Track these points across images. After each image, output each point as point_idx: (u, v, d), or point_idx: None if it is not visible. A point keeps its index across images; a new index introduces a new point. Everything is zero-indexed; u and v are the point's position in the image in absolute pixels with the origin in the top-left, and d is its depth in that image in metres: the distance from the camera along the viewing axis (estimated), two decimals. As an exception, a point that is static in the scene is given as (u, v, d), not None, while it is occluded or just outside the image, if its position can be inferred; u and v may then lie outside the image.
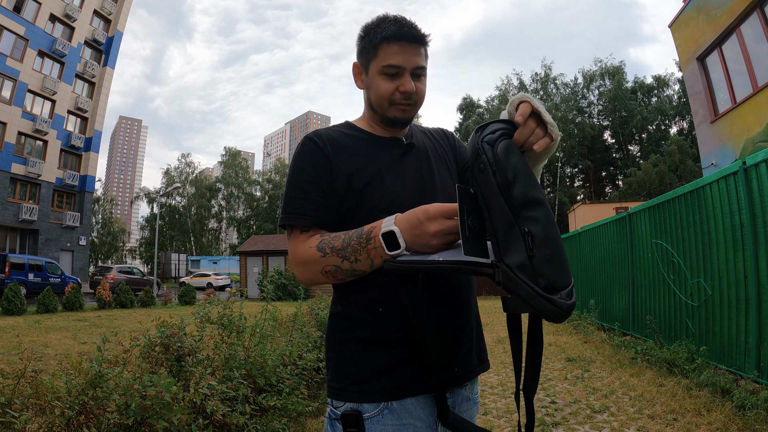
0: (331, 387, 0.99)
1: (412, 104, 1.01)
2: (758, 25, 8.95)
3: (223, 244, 63.09)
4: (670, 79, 36.73)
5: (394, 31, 0.96)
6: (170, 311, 10.91)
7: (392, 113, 1.02)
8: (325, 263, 0.90)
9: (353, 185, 0.98)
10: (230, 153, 51.80)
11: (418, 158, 1.06)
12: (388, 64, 0.97)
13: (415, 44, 0.98)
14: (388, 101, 1.00)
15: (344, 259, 0.88)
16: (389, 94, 0.99)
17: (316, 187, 0.97)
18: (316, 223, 0.96)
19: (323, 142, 1.00)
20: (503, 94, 36.57)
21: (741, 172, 3.87)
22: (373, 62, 1.00)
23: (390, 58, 0.97)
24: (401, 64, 0.97)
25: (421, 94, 1.02)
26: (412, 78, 0.99)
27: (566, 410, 3.67)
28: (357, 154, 1.01)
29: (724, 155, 10.28)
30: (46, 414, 1.87)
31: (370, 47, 0.99)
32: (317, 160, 0.98)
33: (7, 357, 5.69)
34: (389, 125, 1.05)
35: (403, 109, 1.01)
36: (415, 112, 1.04)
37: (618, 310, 7.13)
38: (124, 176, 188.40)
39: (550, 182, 35.60)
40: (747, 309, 3.78)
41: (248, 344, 3.20)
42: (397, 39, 0.96)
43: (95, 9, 29.64)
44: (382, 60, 0.98)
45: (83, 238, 29.19)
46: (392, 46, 0.97)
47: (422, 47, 1.00)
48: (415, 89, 0.99)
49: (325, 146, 0.99)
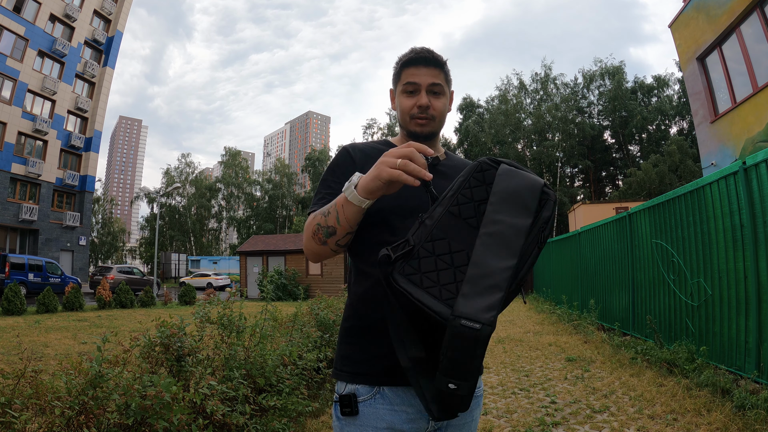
0: (334, 368, 1.10)
1: (429, 119, 1.14)
2: (758, 25, 8.94)
3: (223, 244, 63.10)
4: (670, 79, 36.76)
5: (413, 56, 1.14)
6: (170, 311, 10.91)
7: (412, 127, 1.15)
8: (312, 224, 1.02)
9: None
10: (230, 153, 51.79)
11: (439, 176, 1.12)
12: (407, 82, 1.14)
13: (431, 66, 1.13)
14: (409, 116, 1.15)
15: (324, 216, 0.99)
16: (409, 109, 1.14)
17: (340, 183, 1.07)
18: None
19: (354, 152, 1.16)
20: (503, 94, 36.54)
21: (741, 172, 3.87)
22: (398, 84, 1.17)
23: (408, 77, 1.14)
24: (417, 81, 1.13)
25: (438, 109, 1.14)
26: (429, 95, 1.13)
27: (566, 410, 3.67)
28: None
29: (724, 155, 10.27)
30: (46, 414, 1.87)
31: (396, 73, 1.17)
32: (346, 164, 1.13)
33: (7, 357, 5.69)
34: (414, 138, 1.16)
35: (421, 123, 1.14)
36: (434, 127, 1.15)
37: (618, 310, 7.13)
38: (124, 176, 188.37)
39: (550, 182, 35.55)
40: (747, 309, 3.79)
41: (248, 344, 3.19)
42: (415, 63, 1.14)
43: (95, 9, 29.65)
44: (403, 80, 1.15)
45: (83, 238, 29.19)
46: (411, 69, 1.14)
47: (439, 69, 1.14)
48: (431, 105, 1.13)
49: (355, 154, 1.15)
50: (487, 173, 0.89)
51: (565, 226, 32.27)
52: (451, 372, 0.77)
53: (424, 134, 1.16)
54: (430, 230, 0.85)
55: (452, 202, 0.87)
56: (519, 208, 0.84)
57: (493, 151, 35.43)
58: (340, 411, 1.03)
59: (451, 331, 0.75)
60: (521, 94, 36.92)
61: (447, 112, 1.19)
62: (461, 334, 0.74)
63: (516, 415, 3.61)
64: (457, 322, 0.75)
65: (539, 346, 6.52)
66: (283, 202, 51.30)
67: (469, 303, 0.76)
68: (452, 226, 0.86)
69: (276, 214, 51.33)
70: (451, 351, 0.76)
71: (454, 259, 0.83)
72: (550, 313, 10.43)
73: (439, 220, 0.86)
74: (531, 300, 14.15)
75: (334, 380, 1.11)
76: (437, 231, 0.85)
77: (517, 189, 0.86)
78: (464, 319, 0.74)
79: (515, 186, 0.86)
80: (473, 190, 0.88)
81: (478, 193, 0.88)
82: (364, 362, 1.04)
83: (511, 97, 36.21)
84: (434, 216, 0.86)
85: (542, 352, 6.10)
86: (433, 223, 0.86)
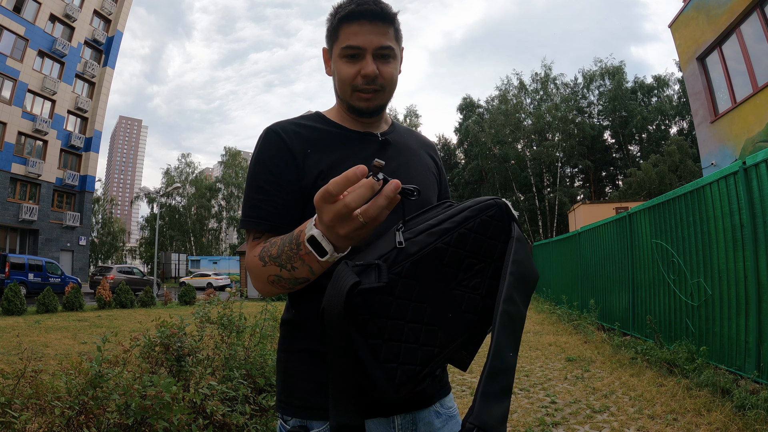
0: (279, 400, 0.90)
1: (377, 89, 0.90)
2: (758, 25, 8.94)
3: (223, 244, 63.05)
4: (670, 79, 36.74)
5: (352, 9, 0.87)
6: (170, 311, 10.91)
7: (355, 102, 0.92)
8: (268, 273, 0.79)
9: (322, 183, 0.76)
10: (230, 153, 51.80)
11: (395, 156, 0.97)
12: (346, 45, 0.88)
13: (378, 22, 0.88)
14: (350, 87, 0.90)
15: (281, 267, 0.76)
16: (351, 79, 0.89)
17: (278, 186, 0.87)
18: (268, 228, 0.87)
19: (288, 136, 0.90)
20: (503, 94, 36.51)
21: (741, 172, 3.87)
22: (335, 45, 0.91)
23: (349, 38, 0.87)
24: (361, 45, 0.87)
25: (387, 77, 0.90)
26: (376, 60, 0.88)
27: (566, 410, 3.67)
28: (328, 150, 0.91)
29: (724, 155, 10.27)
30: (46, 414, 1.87)
31: (332, 29, 0.91)
32: (281, 155, 0.88)
33: (7, 357, 5.69)
34: (356, 115, 0.95)
35: (366, 97, 0.90)
36: (382, 99, 0.93)
37: (618, 310, 7.13)
38: (124, 176, 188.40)
39: (550, 182, 35.58)
40: (747, 309, 3.78)
41: (248, 344, 3.20)
42: (356, 18, 0.87)
43: (95, 9, 29.65)
44: (342, 42, 0.88)
45: (83, 238, 29.19)
46: (352, 26, 0.87)
47: (389, 26, 0.89)
48: (380, 72, 0.88)
49: (291, 141, 0.89)
50: (497, 225, 0.72)
51: (565, 227, 32.26)
52: None
53: (369, 110, 0.93)
54: (407, 270, 0.66)
55: (447, 239, 0.69)
56: (527, 296, 0.69)
57: (493, 150, 35.43)
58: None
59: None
60: (521, 94, 36.90)
61: (398, 76, 0.94)
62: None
63: (516, 415, 3.61)
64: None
65: (539, 346, 6.52)
66: (283, 202, 51.21)
67: (489, 409, 0.57)
68: (433, 276, 0.68)
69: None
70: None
71: (422, 332, 0.66)
72: (550, 313, 10.43)
73: (423, 257, 0.67)
74: (531, 300, 14.13)
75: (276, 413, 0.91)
76: (415, 281, 0.66)
77: (530, 274, 0.70)
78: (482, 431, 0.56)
79: (529, 268, 0.70)
80: (473, 237, 0.70)
81: (475, 242, 0.70)
82: (316, 394, 0.84)
83: (511, 97, 36.18)
84: (417, 243, 0.67)
85: (542, 352, 6.10)
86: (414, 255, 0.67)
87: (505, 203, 0.74)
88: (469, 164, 38.53)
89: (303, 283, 0.79)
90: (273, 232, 0.87)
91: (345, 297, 0.59)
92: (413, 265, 0.66)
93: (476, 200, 0.73)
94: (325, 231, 0.65)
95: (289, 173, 0.88)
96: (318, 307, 0.67)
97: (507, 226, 0.73)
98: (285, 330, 0.93)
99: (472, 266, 0.70)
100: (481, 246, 0.71)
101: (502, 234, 0.72)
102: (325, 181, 0.69)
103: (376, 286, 0.62)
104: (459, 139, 40.76)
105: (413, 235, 0.68)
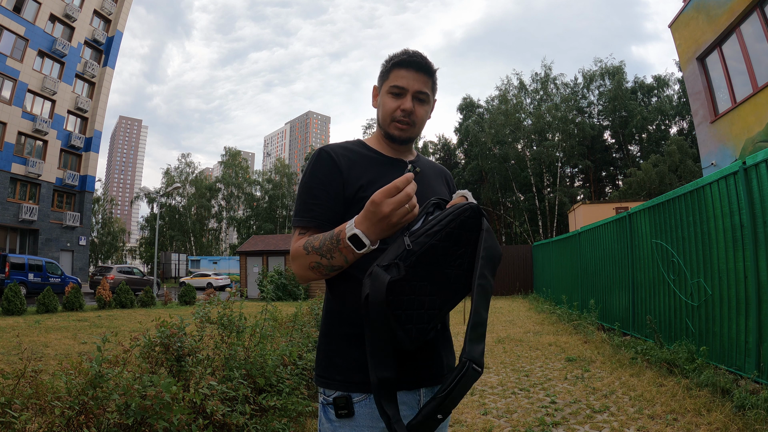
0: (319, 376, 1.09)
1: (410, 124, 1.14)
2: (758, 25, 8.94)
3: (223, 244, 63.07)
4: (670, 79, 36.72)
5: (404, 58, 1.12)
6: (170, 311, 10.91)
7: (392, 130, 1.15)
8: (309, 260, 1.01)
9: (362, 194, 1.08)
10: (230, 153, 51.80)
11: (420, 181, 1.16)
12: (394, 85, 1.12)
13: (422, 72, 1.13)
14: (390, 117, 1.14)
15: (322, 256, 0.99)
16: (392, 111, 1.13)
17: (326, 191, 1.08)
18: (316, 225, 1.07)
19: (336, 155, 1.13)
20: (503, 94, 36.50)
21: (741, 172, 3.87)
22: (384, 84, 1.16)
23: (397, 80, 1.12)
24: (405, 86, 1.12)
25: (420, 116, 1.14)
26: (414, 101, 1.13)
27: (566, 410, 3.67)
28: (367, 169, 1.14)
29: (724, 155, 10.27)
30: (46, 414, 1.87)
31: (385, 71, 1.16)
32: (329, 168, 1.11)
33: (7, 357, 5.69)
34: (390, 141, 1.18)
35: (401, 127, 1.14)
36: (413, 132, 1.16)
37: (618, 310, 7.13)
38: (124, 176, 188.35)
39: (550, 182, 35.58)
40: (747, 309, 3.78)
41: (248, 344, 3.20)
42: (406, 65, 1.12)
43: (95, 9, 29.65)
44: (391, 81, 1.13)
45: (83, 238, 29.19)
46: (401, 71, 1.12)
47: (428, 77, 1.14)
48: (414, 111, 1.13)
49: (338, 158, 1.12)
50: (472, 221, 0.96)
51: (565, 227, 32.26)
52: (448, 406, 0.84)
53: (402, 139, 1.16)
54: (414, 262, 0.89)
55: (438, 237, 0.92)
56: (494, 271, 0.96)
57: (493, 150, 35.43)
58: (335, 413, 1.02)
59: (462, 371, 0.83)
60: (521, 94, 36.90)
61: (427, 119, 1.19)
62: (469, 376, 0.83)
63: (516, 415, 3.61)
64: (470, 365, 0.83)
65: (539, 346, 6.52)
66: (283, 202, 51.29)
67: (475, 348, 0.86)
68: (431, 263, 0.92)
69: (276, 214, 51.31)
70: (457, 389, 0.83)
71: (426, 302, 0.92)
72: (550, 313, 10.43)
73: (424, 252, 0.90)
74: (531, 300, 14.15)
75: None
76: (420, 268, 0.90)
77: (496, 254, 0.97)
78: (474, 363, 0.83)
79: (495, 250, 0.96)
80: (455, 233, 0.94)
81: (457, 236, 0.94)
82: (354, 371, 1.03)
83: (511, 97, 36.17)
84: (419, 244, 0.90)
85: (542, 352, 6.10)
86: (418, 252, 0.90)
87: (477, 205, 0.98)
88: (469, 164, 38.52)
89: (337, 270, 1.01)
90: (318, 228, 1.07)
91: (386, 288, 0.85)
92: (418, 258, 0.90)
93: (456, 205, 0.97)
94: (365, 229, 0.91)
95: (336, 185, 1.10)
96: (356, 299, 0.97)
97: (479, 221, 0.97)
98: (328, 317, 1.13)
99: (457, 252, 0.95)
100: (462, 237, 0.95)
101: (475, 227, 0.97)
102: (366, 192, 1.06)
103: (398, 278, 0.88)
104: (459, 139, 40.74)
105: (416, 238, 0.92)
